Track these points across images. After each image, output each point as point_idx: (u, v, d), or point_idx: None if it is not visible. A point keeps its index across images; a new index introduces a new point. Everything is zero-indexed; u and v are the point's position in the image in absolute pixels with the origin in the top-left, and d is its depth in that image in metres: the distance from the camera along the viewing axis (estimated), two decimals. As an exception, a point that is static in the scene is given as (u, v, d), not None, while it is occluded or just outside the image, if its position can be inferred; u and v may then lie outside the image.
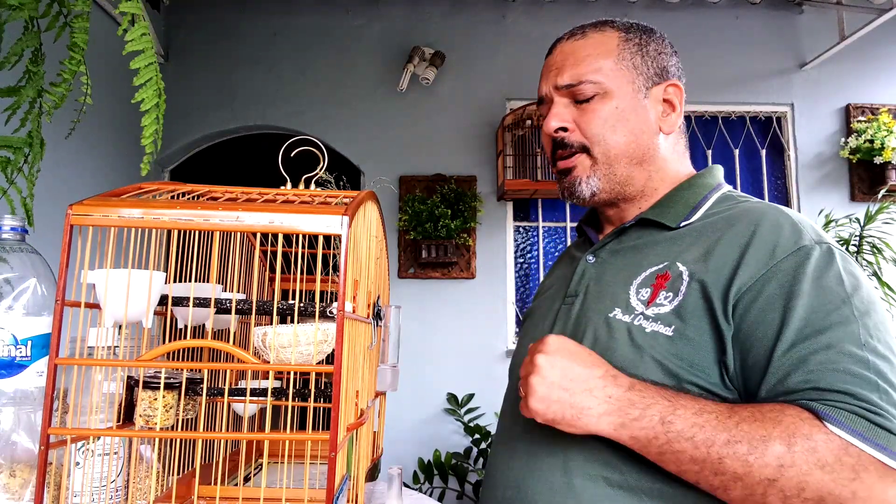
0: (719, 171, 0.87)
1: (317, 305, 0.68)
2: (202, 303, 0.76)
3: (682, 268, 0.72)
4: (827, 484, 0.56)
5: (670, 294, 0.71)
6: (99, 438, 0.76)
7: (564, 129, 0.82)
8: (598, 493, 0.68)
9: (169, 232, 0.70)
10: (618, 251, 0.83)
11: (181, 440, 0.86)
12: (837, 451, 0.57)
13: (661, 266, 0.75)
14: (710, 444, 0.60)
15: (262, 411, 1.11)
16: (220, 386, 0.94)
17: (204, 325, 0.85)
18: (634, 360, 0.69)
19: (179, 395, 0.75)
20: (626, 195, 0.83)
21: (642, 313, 0.72)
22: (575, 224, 2.64)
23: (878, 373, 0.60)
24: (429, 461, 2.81)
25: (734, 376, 0.67)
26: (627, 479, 0.68)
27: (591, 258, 0.85)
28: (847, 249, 2.44)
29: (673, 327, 0.69)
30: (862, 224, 2.42)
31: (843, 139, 3.20)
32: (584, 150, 0.82)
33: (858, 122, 3.16)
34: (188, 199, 0.71)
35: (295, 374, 0.75)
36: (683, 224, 0.78)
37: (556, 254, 3.28)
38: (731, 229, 0.72)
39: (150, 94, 0.87)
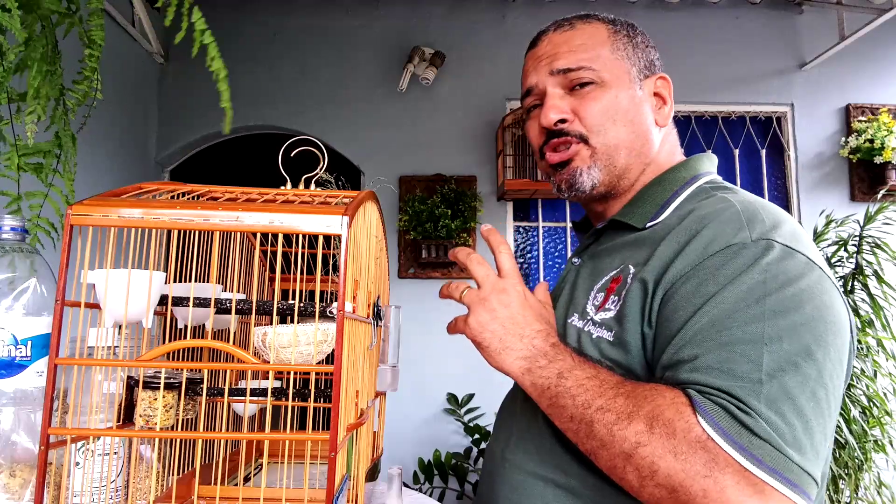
0: (700, 161, 0.81)
1: (317, 305, 0.68)
2: (202, 303, 0.76)
3: (632, 270, 0.70)
4: (678, 473, 0.54)
5: (616, 298, 0.70)
6: (99, 438, 0.76)
7: (563, 121, 0.79)
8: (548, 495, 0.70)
9: (169, 232, 0.70)
10: (595, 254, 0.81)
11: (181, 440, 0.85)
12: (694, 442, 0.54)
13: (616, 270, 0.73)
14: (586, 405, 0.62)
15: (262, 411, 1.10)
16: (220, 386, 0.93)
17: (204, 325, 0.85)
18: None
19: (179, 395, 0.75)
20: (620, 189, 0.80)
21: (591, 319, 0.72)
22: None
23: (771, 375, 0.56)
24: (429, 461, 2.81)
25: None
26: (570, 481, 0.69)
27: (576, 261, 0.84)
28: (846, 249, 2.44)
29: (613, 332, 0.69)
30: (862, 224, 2.41)
31: (843, 139, 3.20)
32: (583, 140, 0.78)
33: (858, 122, 3.16)
34: (188, 199, 0.71)
35: (295, 374, 0.74)
36: (650, 224, 0.74)
37: (556, 254, 3.28)
38: (680, 227, 0.68)
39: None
